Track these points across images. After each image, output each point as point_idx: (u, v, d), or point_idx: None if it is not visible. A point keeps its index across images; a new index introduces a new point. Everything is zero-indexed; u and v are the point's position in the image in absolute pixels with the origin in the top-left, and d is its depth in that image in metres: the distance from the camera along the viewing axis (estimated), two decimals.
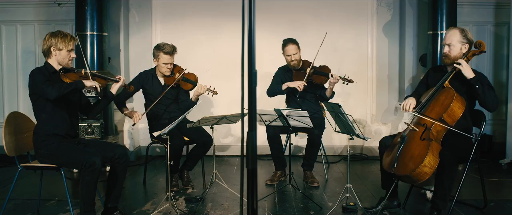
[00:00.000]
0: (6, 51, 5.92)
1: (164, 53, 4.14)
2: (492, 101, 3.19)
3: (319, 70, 4.41)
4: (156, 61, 4.22)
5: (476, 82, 3.17)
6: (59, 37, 3.28)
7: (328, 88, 4.38)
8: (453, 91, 3.21)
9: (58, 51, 3.29)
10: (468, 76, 3.20)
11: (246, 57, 1.56)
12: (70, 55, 3.34)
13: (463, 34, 3.32)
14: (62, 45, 3.28)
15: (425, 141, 3.14)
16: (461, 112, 3.18)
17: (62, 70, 3.37)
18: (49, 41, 3.29)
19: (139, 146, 5.85)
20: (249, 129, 1.57)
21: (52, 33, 3.32)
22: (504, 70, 5.86)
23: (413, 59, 5.78)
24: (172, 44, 4.20)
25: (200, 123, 3.75)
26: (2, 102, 5.99)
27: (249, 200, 1.60)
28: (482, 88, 3.16)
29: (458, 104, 3.17)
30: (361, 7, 5.86)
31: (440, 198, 3.20)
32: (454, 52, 3.33)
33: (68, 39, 3.31)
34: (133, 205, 3.77)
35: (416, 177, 3.07)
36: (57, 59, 3.31)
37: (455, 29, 3.39)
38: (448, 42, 3.35)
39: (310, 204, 3.78)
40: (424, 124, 3.23)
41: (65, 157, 3.19)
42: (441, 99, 3.24)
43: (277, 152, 4.44)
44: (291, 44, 4.44)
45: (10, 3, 5.82)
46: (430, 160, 3.05)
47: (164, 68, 4.19)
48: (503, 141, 5.35)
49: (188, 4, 5.85)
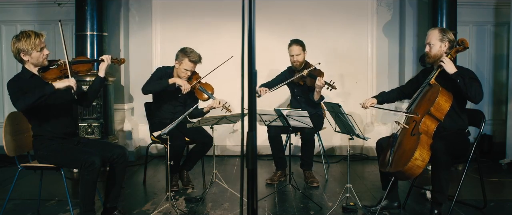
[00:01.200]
0: (6, 51, 5.92)
1: (189, 60, 4.11)
2: (476, 92, 3.24)
3: (312, 73, 4.45)
4: (177, 64, 4.17)
5: (457, 77, 3.25)
6: (23, 41, 3.10)
7: (316, 92, 4.44)
8: (438, 86, 3.29)
9: (28, 56, 3.14)
10: (450, 71, 3.29)
11: (246, 57, 1.56)
12: (43, 54, 3.17)
13: (442, 33, 3.43)
14: (29, 48, 3.11)
15: (415, 135, 3.20)
16: (448, 105, 3.24)
17: (41, 70, 3.23)
18: (16, 47, 3.11)
19: (139, 146, 5.85)
20: (249, 129, 1.57)
21: (16, 37, 3.13)
22: (504, 70, 5.86)
23: (413, 59, 5.78)
24: (199, 53, 4.17)
25: (200, 123, 3.75)
26: (2, 102, 5.99)
27: (249, 200, 1.60)
28: (463, 82, 3.23)
29: (445, 98, 3.24)
30: (361, 7, 5.86)
31: (438, 191, 3.23)
32: (434, 50, 3.42)
33: (33, 39, 3.10)
34: (133, 205, 3.77)
35: (409, 171, 3.10)
36: (31, 62, 3.17)
37: (434, 29, 3.52)
38: (428, 41, 3.46)
39: (310, 204, 3.78)
40: (414, 121, 3.30)
41: (64, 157, 3.18)
42: (427, 96, 3.34)
43: (278, 152, 4.45)
44: (295, 45, 4.50)
45: (10, 3, 5.82)
46: (421, 153, 3.09)
47: (184, 73, 4.16)
48: (503, 141, 5.35)
49: (188, 4, 5.85)
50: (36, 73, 3.22)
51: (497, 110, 6.02)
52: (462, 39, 3.42)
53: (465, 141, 3.43)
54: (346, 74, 5.79)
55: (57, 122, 3.26)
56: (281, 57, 4.86)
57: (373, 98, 3.76)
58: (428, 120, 3.23)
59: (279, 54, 5.07)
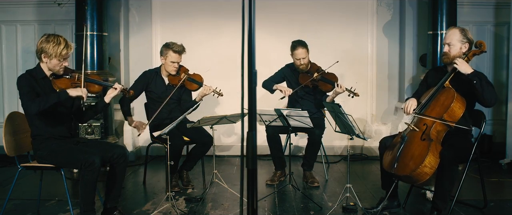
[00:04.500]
0: (6, 51, 5.92)
1: (173, 51, 4.13)
2: (491, 96, 3.16)
3: (326, 77, 4.36)
4: (163, 59, 4.21)
5: (474, 77, 3.15)
6: (51, 45, 3.11)
7: (330, 97, 4.35)
8: (453, 91, 3.20)
9: (48, 59, 3.15)
10: (466, 72, 3.18)
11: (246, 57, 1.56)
12: (62, 64, 3.18)
13: (463, 34, 3.32)
14: (53, 53, 3.11)
15: (426, 141, 3.14)
16: (461, 112, 3.17)
17: (53, 76, 3.24)
18: (41, 46, 3.14)
19: (139, 146, 5.85)
20: (249, 129, 1.57)
21: (47, 37, 3.15)
22: (504, 70, 5.86)
23: (413, 59, 5.78)
24: (181, 43, 4.19)
25: (200, 123, 3.75)
26: (2, 102, 5.99)
27: (249, 200, 1.60)
28: (480, 83, 3.13)
29: (459, 104, 3.17)
30: (361, 7, 5.86)
31: (440, 198, 3.20)
32: (454, 51, 3.32)
33: (61, 48, 3.11)
34: (133, 205, 3.77)
35: (417, 177, 3.07)
36: (47, 66, 3.19)
37: (455, 28, 3.39)
38: (448, 41, 3.35)
39: (310, 204, 3.78)
40: (424, 124, 3.23)
41: (64, 157, 3.18)
42: (441, 100, 3.24)
43: (277, 152, 4.43)
44: (300, 48, 4.35)
45: (10, 3, 5.82)
46: (430, 160, 3.05)
47: (171, 66, 4.17)
48: (503, 141, 5.35)
49: (188, 4, 5.85)
50: (47, 76, 3.24)
51: (497, 110, 6.02)
52: (480, 42, 3.30)
53: (469, 143, 3.40)
54: (346, 74, 5.79)
55: (57, 125, 3.27)
56: (281, 57, 4.85)
57: (413, 99, 3.44)
58: (440, 126, 3.18)
59: (279, 54, 5.06)
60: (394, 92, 5.96)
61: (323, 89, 4.40)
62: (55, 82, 3.24)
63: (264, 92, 4.66)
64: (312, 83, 4.39)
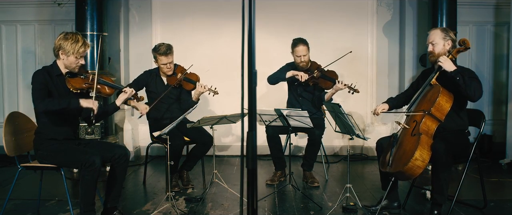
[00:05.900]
0: (6, 51, 5.92)
1: (159, 54, 4.14)
2: (474, 90, 3.21)
3: (326, 74, 4.38)
4: (156, 64, 4.25)
5: (456, 74, 3.23)
6: (70, 42, 3.16)
7: (330, 93, 4.36)
8: (439, 87, 3.29)
9: (66, 56, 3.19)
10: (449, 69, 3.27)
11: (246, 57, 1.56)
12: (79, 62, 3.23)
13: (445, 32, 3.43)
14: (71, 51, 3.16)
15: (416, 136, 3.20)
16: (449, 106, 3.24)
17: (68, 74, 3.28)
18: (59, 43, 3.18)
19: (139, 146, 5.85)
20: (249, 129, 1.57)
21: (66, 34, 3.19)
22: (504, 70, 5.86)
23: (413, 59, 5.78)
24: (167, 44, 4.17)
25: (200, 123, 3.75)
26: (2, 103, 5.98)
27: (249, 200, 1.60)
28: (463, 80, 3.21)
29: (445, 98, 3.24)
30: (361, 7, 5.86)
31: (438, 192, 3.24)
32: (437, 49, 3.41)
33: (79, 46, 3.17)
34: (133, 205, 3.77)
35: (409, 171, 3.10)
36: (64, 63, 3.23)
37: (436, 29, 3.53)
38: (431, 41, 3.45)
39: (310, 204, 3.78)
40: (414, 121, 3.30)
41: (65, 156, 3.18)
42: (428, 96, 3.33)
43: (277, 152, 4.43)
44: (301, 45, 4.37)
45: (10, 3, 5.82)
46: (421, 153, 3.09)
47: (164, 68, 4.19)
48: (503, 141, 5.35)
49: (188, 4, 5.85)
50: (63, 74, 3.26)
51: (497, 110, 6.02)
52: (463, 39, 3.42)
53: (465, 141, 3.43)
54: (346, 74, 5.78)
55: (63, 125, 3.28)
56: (281, 57, 4.85)
57: (384, 103, 3.68)
58: (429, 120, 3.23)
59: (279, 54, 5.06)
60: (394, 92, 5.95)
61: (323, 86, 4.41)
62: (69, 81, 3.27)
63: (264, 92, 4.66)
64: (313, 81, 4.39)
